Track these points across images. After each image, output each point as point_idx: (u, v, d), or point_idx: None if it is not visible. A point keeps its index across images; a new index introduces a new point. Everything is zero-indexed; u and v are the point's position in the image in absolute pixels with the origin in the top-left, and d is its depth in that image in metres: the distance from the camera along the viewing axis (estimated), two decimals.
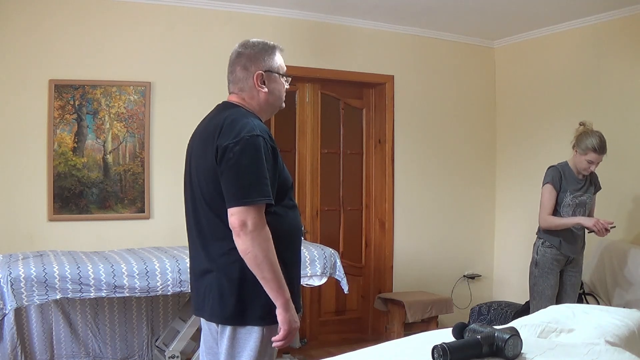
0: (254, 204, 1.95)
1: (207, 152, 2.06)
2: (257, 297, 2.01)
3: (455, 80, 5.65)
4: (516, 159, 5.58)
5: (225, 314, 2.04)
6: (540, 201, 3.91)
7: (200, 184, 2.10)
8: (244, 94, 2.17)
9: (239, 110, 2.12)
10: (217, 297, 2.06)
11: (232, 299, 2.03)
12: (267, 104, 2.19)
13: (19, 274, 3.10)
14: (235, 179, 1.97)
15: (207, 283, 2.10)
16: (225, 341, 2.05)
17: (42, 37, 4.22)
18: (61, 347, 3.84)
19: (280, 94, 2.23)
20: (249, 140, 1.98)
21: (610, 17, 4.72)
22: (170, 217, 4.54)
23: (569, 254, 3.88)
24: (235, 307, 2.03)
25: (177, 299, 4.16)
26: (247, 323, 2.04)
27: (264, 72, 2.15)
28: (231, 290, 2.03)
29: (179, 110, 4.58)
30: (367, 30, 5.23)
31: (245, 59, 2.16)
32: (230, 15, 4.73)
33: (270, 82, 2.18)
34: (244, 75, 2.16)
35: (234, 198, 1.97)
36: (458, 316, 5.14)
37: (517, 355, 1.55)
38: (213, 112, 2.23)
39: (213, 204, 2.05)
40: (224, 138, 2.00)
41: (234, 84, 2.19)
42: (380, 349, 1.80)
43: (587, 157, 3.77)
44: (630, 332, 1.93)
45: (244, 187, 1.96)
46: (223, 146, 1.98)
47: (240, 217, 1.94)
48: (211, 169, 2.03)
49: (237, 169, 1.97)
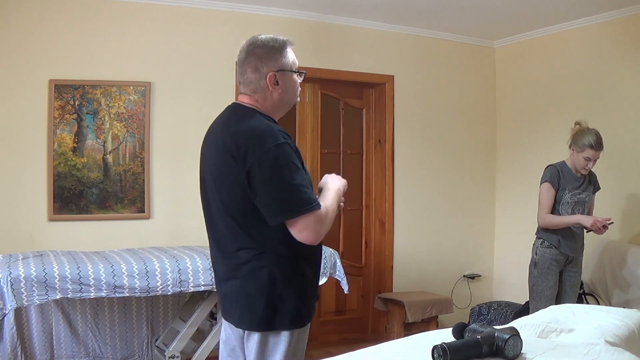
0: (303, 213, 1.91)
1: (226, 163, 1.98)
2: (287, 302, 1.99)
3: (455, 80, 5.65)
4: (516, 158, 5.58)
5: (255, 320, 2.00)
6: (538, 200, 3.91)
7: (220, 194, 2.05)
8: (256, 96, 2.08)
9: (253, 114, 2.04)
10: (245, 303, 2.01)
11: (260, 305, 1.99)
12: (282, 102, 2.12)
13: (19, 274, 3.09)
14: (278, 193, 1.91)
15: (233, 289, 2.05)
16: (254, 346, 2.01)
17: (42, 37, 4.22)
18: (61, 347, 3.84)
19: (294, 90, 2.14)
20: (275, 151, 1.91)
21: (610, 17, 4.72)
22: (170, 217, 4.55)
23: (569, 252, 3.88)
24: (265, 312, 1.99)
25: (177, 299, 4.16)
26: (277, 328, 2.00)
27: (277, 72, 2.06)
28: (259, 296, 1.99)
29: (179, 110, 4.58)
30: (367, 30, 5.23)
31: (256, 59, 2.05)
32: (230, 15, 4.73)
33: (284, 81, 2.08)
34: (255, 77, 2.06)
35: (281, 212, 1.92)
36: (458, 316, 5.14)
37: (517, 355, 1.55)
38: (225, 115, 2.13)
39: (236, 215, 2.00)
40: (249, 152, 1.91)
41: (246, 85, 2.09)
42: (380, 349, 1.80)
43: (584, 154, 3.78)
44: (630, 332, 1.93)
45: (290, 199, 1.91)
46: (251, 161, 1.90)
47: (299, 227, 1.92)
48: (235, 182, 1.95)
49: (272, 184, 1.91)
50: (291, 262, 2.01)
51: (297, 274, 2.02)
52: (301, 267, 2.03)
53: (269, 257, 1.98)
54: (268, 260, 1.98)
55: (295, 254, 2.01)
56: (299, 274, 2.03)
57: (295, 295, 2.01)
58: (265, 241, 1.98)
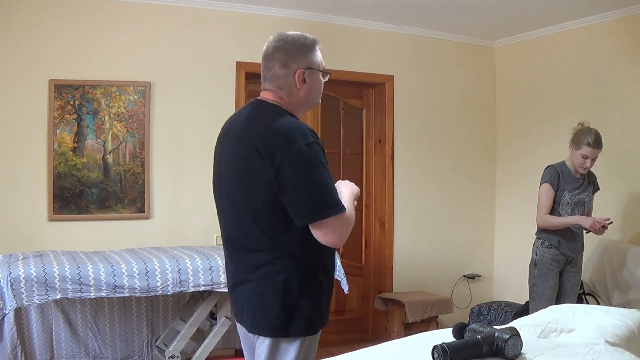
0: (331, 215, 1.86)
1: (251, 161, 1.91)
2: (301, 308, 1.95)
3: (455, 80, 5.65)
4: (516, 158, 5.58)
5: (269, 326, 1.95)
6: (538, 201, 3.91)
7: (242, 193, 1.97)
8: (282, 92, 2.03)
9: (279, 111, 1.99)
10: (258, 308, 1.96)
11: (274, 310, 1.94)
12: (307, 100, 2.07)
13: (19, 274, 3.09)
14: (307, 194, 1.86)
15: (246, 294, 2.00)
16: (264, 351, 1.97)
17: (42, 37, 4.22)
18: (61, 347, 3.84)
19: (319, 90, 2.11)
20: (305, 150, 1.86)
21: (611, 17, 4.72)
22: (170, 217, 4.55)
23: (569, 253, 3.87)
24: (279, 318, 1.94)
25: (177, 299, 4.16)
26: (290, 335, 1.95)
27: (305, 70, 2.02)
28: (274, 301, 1.93)
29: (179, 110, 4.58)
30: (367, 30, 5.23)
31: (285, 54, 2.01)
32: (230, 15, 4.73)
33: (311, 79, 2.05)
34: (284, 72, 2.01)
35: (310, 214, 1.87)
36: (458, 316, 5.14)
37: (517, 355, 1.55)
38: (247, 112, 2.05)
39: (258, 215, 1.94)
40: (279, 150, 1.86)
41: (271, 81, 2.04)
42: (380, 349, 1.80)
43: (581, 151, 3.78)
44: (630, 332, 1.93)
45: (319, 200, 1.86)
46: (281, 160, 1.85)
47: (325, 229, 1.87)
48: (261, 180, 1.89)
49: (305, 183, 1.86)
50: (307, 267, 1.96)
51: (313, 279, 1.98)
52: (317, 273, 1.99)
53: (285, 261, 1.93)
54: (284, 265, 1.93)
55: (312, 258, 1.97)
56: (315, 279, 1.98)
57: (310, 301, 1.96)
58: (284, 244, 1.93)
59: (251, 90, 4.93)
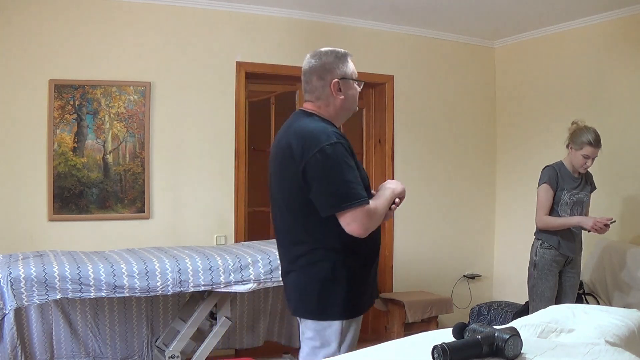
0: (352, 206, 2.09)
1: (286, 162, 2.19)
2: (339, 294, 2.20)
3: (455, 80, 5.65)
4: (516, 158, 5.58)
5: (308, 309, 2.23)
6: (536, 201, 3.90)
7: (281, 191, 2.26)
8: (320, 102, 2.29)
9: (314, 119, 2.25)
10: (299, 294, 2.26)
11: (313, 296, 2.21)
12: (343, 109, 2.33)
13: (19, 274, 3.09)
14: (329, 187, 2.11)
15: (291, 282, 2.31)
16: (307, 333, 2.25)
17: (42, 37, 4.22)
18: (61, 347, 3.84)
19: (355, 98, 2.36)
20: (330, 149, 2.11)
21: (611, 17, 4.72)
22: (170, 217, 4.55)
23: (568, 253, 3.86)
24: (318, 304, 2.20)
25: (177, 299, 4.16)
26: (328, 318, 2.20)
27: (340, 80, 2.27)
28: (312, 288, 2.21)
29: (179, 110, 4.58)
30: (367, 30, 5.23)
31: (321, 68, 2.27)
32: (230, 15, 4.73)
33: (346, 88, 2.29)
34: (320, 84, 2.27)
35: (331, 205, 2.12)
36: (458, 316, 5.14)
37: (517, 355, 1.55)
38: (290, 119, 2.35)
39: (294, 210, 2.21)
40: (305, 150, 2.12)
41: (310, 93, 2.30)
42: (380, 349, 1.80)
43: (582, 151, 3.76)
44: (630, 332, 1.93)
45: (339, 193, 2.11)
46: (306, 158, 2.11)
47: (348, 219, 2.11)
48: (293, 178, 2.16)
49: (327, 178, 2.11)
50: (341, 257, 2.19)
51: (346, 268, 2.21)
52: (350, 262, 2.22)
53: (322, 251, 2.19)
54: (321, 255, 2.19)
55: (345, 249, 2.20)
56: (348, 268, 2.21)
57: (345, 287, 2.20)
58: (319, 236, 2.19)
59: (251, 90, 4.93)
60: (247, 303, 4.41)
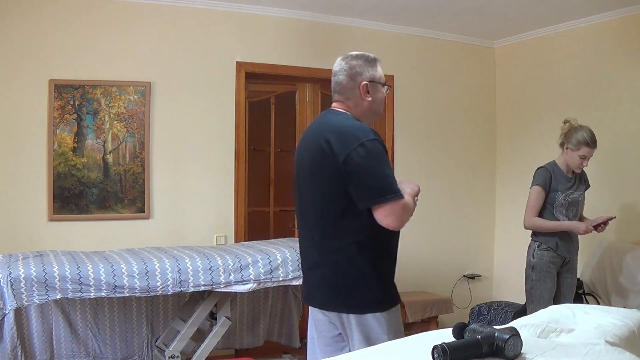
0: (391, 199, 2.18)
1: (323, 157, 2.25)
2: (377, 287, 2.28)
3: (455, 80, 5.64)
4: (516, 159, 5.58)
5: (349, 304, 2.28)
6: (527, 202, 3.83)
7: (317, 187, 2.31)
8: (349, 102, 2.38)
9: (347, 116, 2.34)
10: (332, 289, 2.31)
11: (352, 291, 2.27)
12: (370, 111, 2.41)
13: (19, 274, 3.09)
14: (369, 181, 2.20)
15: (319, 276, 2.35)
16: (353, 328, 2.28)
17: (42, 37, 4.22)
18: (61, 347, 3.84)
19: (381, 102, 2.45)
20: (369, 145, 2.21)
21: (610, 17, 4.72)
22: (170, 217, 4.55)
23: (566, 254, 3.82)
24: (359, 298, 2.27)
25: (177, 299, 4.15)
26: (368, 311, 2.27)
27: (369, 82, 2.36)
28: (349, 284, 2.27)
29: (179, 110, 4.58)
30: (367, 30, 5.23)
31: (351, 70, 2.36)
32: (230, 15, 4.73)
33: (374, 91, 2.39)
34: (350, 85, 2.36)
35: (370, 198, 2.20)
36: (458, 316, 5.14)
37: (517, 355, 1.55)
38: (322, 118, 2.43)
39: (329, 205, 2.27)
40: (345, 145, 2.20)
41: (340, 93, 2.38)
42: (380, 349, 1.79)
43: (579, 152, 3.71)
44: (630, 332, 1.92)
45: (379, 187, 2.19)
46: (347, 152, 2.19)
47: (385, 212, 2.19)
48: (332, 172, 2.22)
49: (367, 171, 2.19)
50: (373, 252, 2.27)
51: (379, 262, 2.30)
52: (382, 256, 2.31)
53: (356, 247, 2.25)
54: (356, 250, 2.25)
55: (377, 244, 2.28)
56: (381, 262, 2.31)
57: (382, 280, 2.30)
58: (355, 231, 2.25)
59: (251, 90, 4.93)
60: (247, 303, 4.41)
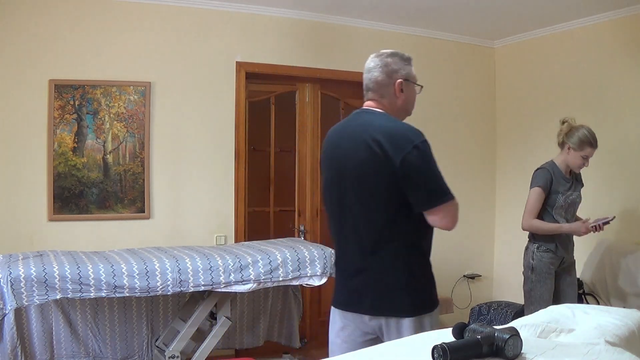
0: (448, 200, 2.21)
1: (376, 159, 2.19)
2: (426, 287, 2.32)
3: (455, 80, 5.64)
4: (516, 159, 5.58)
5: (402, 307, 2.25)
6: (526, 203, 3.79)
7: (365, 189, 2.24)
8: (384, 100, 2.34)
9: (389, 117, 2.30)
10: (379, 293, 2.26)
11: (406, 294, 2.25)
12: (403, 109, 2.38)
13: (19, 274, 3.09)
14: (427, 183, 2.20)
15: (365, 281, 2.29)
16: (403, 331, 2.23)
17: (42, 37, 4.22)
18: (61, 347, 3.84)
19: (413, 100, 2.41)
20: (423, 146, 2.20)
21: (611, 17, 4.72)
22: (170, 217, 4.55)
23: (564, 255, 3.81)
24: (412, 300, 2.25)
25: (177, 299, 4.16)
26: (425, 312, 2.28)
27: (404, 80, 2.33)
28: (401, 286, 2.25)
29: (179, 110, 4.59)
30: (367, 30, 5.23)
31: (387, 67, 2.32)
32: (230, 15, 4.73)
33: (408, 90, 2.36)
34: (386, 82, 2.32)
35: (429, 200, 2.21)
36: (458, 316, 5.14)
37: (517, 355, 1.55)
38: (358, 118, 2.35)
39: (382, 208, 2.22)
40: (399, 147, 2.17)
41: (375, 91, 2.34)
42: (380, 349, 1.79)
43: (583, 152, 3.69)
44: (630, 332, 1.92)
45: (436, 189, 2.20)
46: (403, 155, 2.15)
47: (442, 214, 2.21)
48: (386, 175, 2.18)
49: (425, 174, 2.19)
50: (419, 253, 2.30)
51: (427, 263, 2.33)
52: (428, 258, 2.35)
53: (405, 249, 2.25)
54: (406, 252, 2.25)
55: (424, 246, 2.32)
56: (425, 263, 2.33)
57: (425, 282, 2.32)
58: (405, 233, 2.24)
59: (251, 90, 4.93)
60: (247, 303, 4.41)
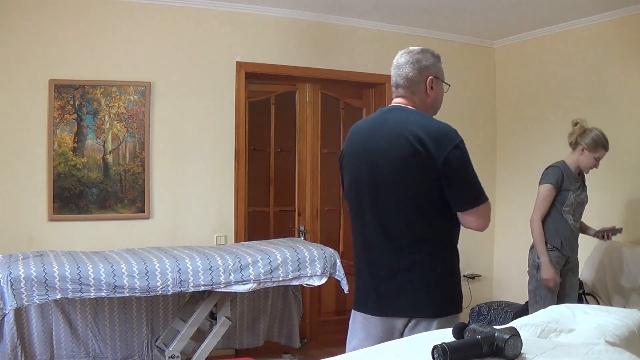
0: (485, 201, 2.23)
1: (416, 157, 2.16)
2: (457, 287, 2.32)
3: (455, 80, 5.59)
4: (516, 159, 5.58)
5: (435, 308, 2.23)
6: (536, 200, 3.80)
7: (406, 188, 2.20)
8: (415, 97, 2.31)
9: (424, 115, 2.28)
10: (422, 293, 2.23)
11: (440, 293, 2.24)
12: (432, 107, 2.36)
13: (19, 274, 3.09)
14: (468, 184, 2.21)
15: (403, 282, 2.25)
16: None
17: (42, 37, 4.22)
18: (61, 347, 3.84)
19: (441, 99, 2.39)
20: (462, 146, 2.21)
21: (610, 17, 4.72)
22: (170, 217, 4.55)
23: (569, 254, 3.82)
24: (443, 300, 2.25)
25: (177, 299, 4.16)
26: (453, 312, 2.26)
27: (434, 78, 2.31)
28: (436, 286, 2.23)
29: (179, 110, 4.58)
30: (367, 30, 5.23)
31: (418, 64, 2.30)
32: (230, 15, 4.73)
33: (437, 88, 2.34)
34: (417, 79, 2.29)
35: (469, 201, 2.22)
36: None
37: (517, 355, 1.55)
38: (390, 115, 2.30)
39: (422, 207, 2.20)
40: (442, 146, 2.15)
41: (406, 88, 2.30)
42: (380, 349, 1.79)
43: (597, 154, 3.75)
44: (630, 332, 1.92)
45: (476, 189, 2.22)
46: (445, 154, 2.15)
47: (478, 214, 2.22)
48: (426, 173, 2.16)
49: (464, 174, 2.20)
50: (453, 252, 2.30)
51: (456, 262, 2.32)
52: (457, 256, 2.33)
53: (441, 248, 2.25)
54: (442, 251, 2.25)
55: (454, 244, 2.31)
56: (457, 262, 2.33)
57: (458, 280, 2.32)
58: (440, 233, 2.25)
59: (251, 90, 4.93)
60: (247, 303, 4.41)
